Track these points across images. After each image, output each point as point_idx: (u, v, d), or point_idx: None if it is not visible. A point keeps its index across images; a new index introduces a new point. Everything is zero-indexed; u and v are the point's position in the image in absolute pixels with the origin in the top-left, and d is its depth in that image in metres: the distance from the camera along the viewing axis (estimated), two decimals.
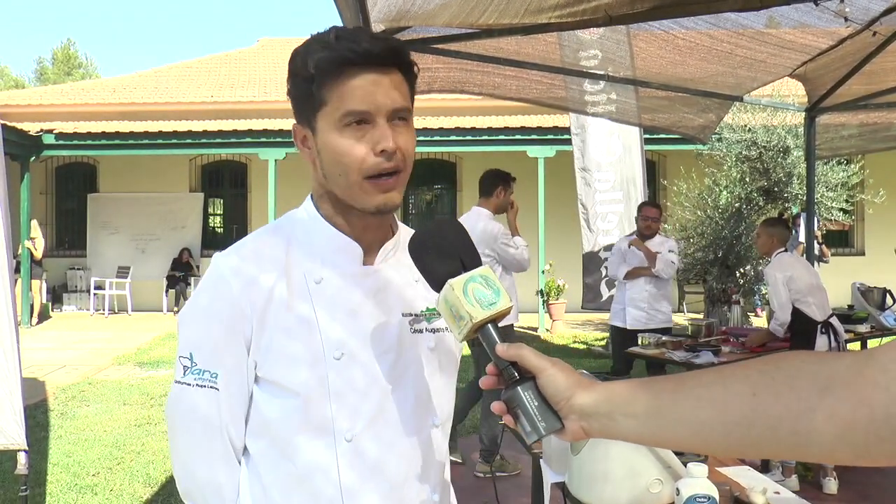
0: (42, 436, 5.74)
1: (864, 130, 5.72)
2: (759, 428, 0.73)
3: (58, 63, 42.63)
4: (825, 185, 10.45)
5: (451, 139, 12.51)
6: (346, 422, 1.12)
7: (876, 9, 3.40)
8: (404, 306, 1.21)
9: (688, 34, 3.74)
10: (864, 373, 0.68)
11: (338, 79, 1.08)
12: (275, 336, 1.12)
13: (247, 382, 1.14)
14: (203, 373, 1.13)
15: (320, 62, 1.08)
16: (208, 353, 1.13)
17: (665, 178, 13.12)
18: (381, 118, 1.09)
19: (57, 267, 14.49)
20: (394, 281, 1.21)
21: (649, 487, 1.84)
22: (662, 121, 5.27)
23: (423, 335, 1.22)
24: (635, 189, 8.21)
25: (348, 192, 1.12)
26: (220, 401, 1.14)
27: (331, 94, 1.08)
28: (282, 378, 1.12)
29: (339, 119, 1.09)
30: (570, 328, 11.77)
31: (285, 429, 1.13)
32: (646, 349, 5.10)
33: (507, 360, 0.93)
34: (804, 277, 4.73)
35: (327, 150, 1.11)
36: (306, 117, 1.13)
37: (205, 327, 1.14)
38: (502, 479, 4.61)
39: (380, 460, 1.14)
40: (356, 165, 1.09)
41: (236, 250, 1.17)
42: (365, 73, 1.08)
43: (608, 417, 0.85)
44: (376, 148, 1.08)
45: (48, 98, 15.99)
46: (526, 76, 4.34)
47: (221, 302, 1.13)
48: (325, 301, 1.14)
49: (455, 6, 2.95)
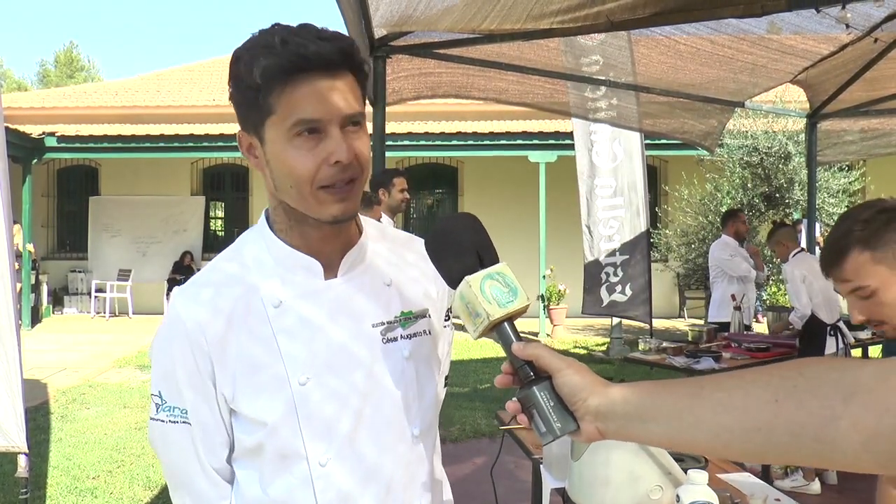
0: (42, 438, 5.73)
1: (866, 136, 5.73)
2: (780, 434, 0.73)
3: (60, 66, 42.71)
4: (827, 192, 10.45)
5: (452, 144, 12.52)
6: (319, 446, 1.10)
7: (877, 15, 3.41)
8: (374, 315, 1.16)
9: (689, 39, 3.75)
10: (888, 381, 0.68)
11: (286, 86, 1.01)
12: (237, 371, 1.10)
13: (221, 412, 1.13)
14: (173, 409, 1.13)
15: (266, 70, 1.00)
16: (175, 391, 1.13)
17: (666, 183, 13.12)
18: (333, 126, 1.03)
19: (58, 269, 14.50)
20: (362, 290, 1.16)
21: (650, 494, 1.83)
22: (663, 126, 5.28)
23: (396, 344, 1.17)
24: (636, 195, 8.20)
25: (302, 203, 1.07)
26: (193, 435, 1.13)
27: (279, 102, 1.02)
28: (249, 410, 1.10)
29: (288, 129, 1.02)
30: (571, 333, 11.76)
31: (260, 459, 1.12)
32: (646, 355, 5.10)
33: (523, 359, 0.92)
34: (818, 281, 4.85)
35: (278, 160, 1.05)
36: (253, 125, 1.07)
37: (168, 367, 1.13)
38: (502, 483, 4.60)
39: (358, 481, 1.12)
40: (308, 177, 1.03)
41: (192, 286, 1.15)
42: (314, 79, 1.01)
43: (625, 419, 0.85)
44: (330, 159, 1.02)
45: (50, 101, 16.02)
46: (528, 81, 4.35)
47: (178, 343, 1.11)
48: (285, 325, 1.11)
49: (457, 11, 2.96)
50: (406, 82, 4.13)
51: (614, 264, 8.17)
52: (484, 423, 6.09)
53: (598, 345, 10.53)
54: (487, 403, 6.37)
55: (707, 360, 4.66)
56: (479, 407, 6.40)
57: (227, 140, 12.59)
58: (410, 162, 14.31)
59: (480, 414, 6.29)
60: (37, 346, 10.22)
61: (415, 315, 1.20)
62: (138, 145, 12.59)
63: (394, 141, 11.53)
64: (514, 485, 4.61)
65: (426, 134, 12.29)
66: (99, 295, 13.85)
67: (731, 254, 6.18)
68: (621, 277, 8.11)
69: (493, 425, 5.92)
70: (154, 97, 15.80)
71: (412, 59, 3.94)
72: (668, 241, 11.77)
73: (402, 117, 13.11)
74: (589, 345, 10.66)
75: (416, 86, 4.19)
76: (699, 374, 4.43)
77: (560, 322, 11.63)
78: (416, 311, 1.20)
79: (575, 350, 10.23)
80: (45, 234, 14.77)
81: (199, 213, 14.83)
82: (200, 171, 15.12)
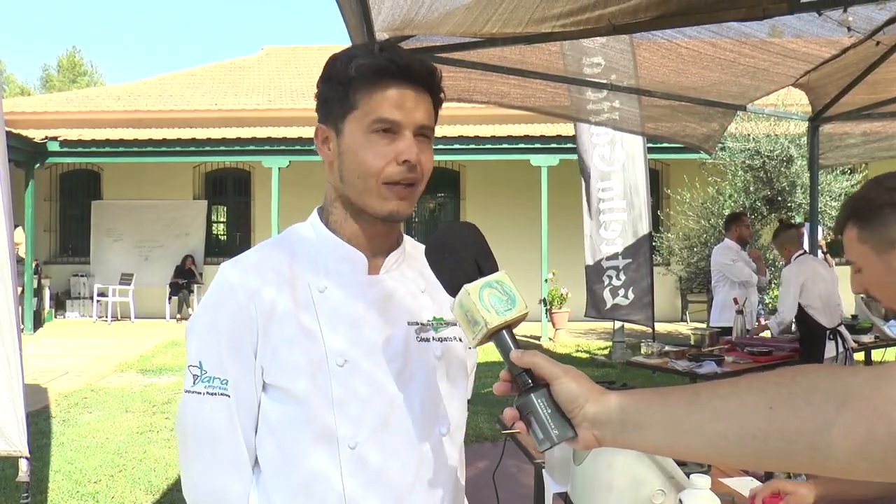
0: (44, 443, 5.73)
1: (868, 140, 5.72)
2: (775, 441, 0.74)
3: (63, 70, 42.84)
4: (829, 195, 10.44)
5: (454, 148, 12.53)
6: (348, 430, 1.12)
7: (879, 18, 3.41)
8: (410, 315, 1.21)
9: (690, 43, 3.75)
10: (881, 389, 0.69)
11: (375, 86, 1.11)
12: (279, 344, 1.13)
13: (255, 389, 1.15)
14: (213, 380, 1.14)
15: (362, 67, 1.11)
16: (217, 361, 1.14)
17: (668, 186, 13.12)
18: (407, 130, 1.12)
19: (60, 274, 14.52)
20: (399, 290, 1.22)
21: (652, 498, 1.83)
22: (665, 130, 5.28)
23: (429, 344, 1.21)
24: (639, 198, 8.20)
25: (363, 196, 1.14)
26: (231, 407, 1.14)
27: (365, 99, 1.11)
28: (286, 385, 1.13)
29: (368, 124, 1.11)
30: (574, 337, 11.75)
31: (289, 436, 1.14)
32: (648, 359, 5.09)
33: (521, 367, 0.93)
34: (818, 285, 4.81)
35: (350, 152, 1.13)
36: (333, 119, 1.16)
37: (213, 336, 1.15)
38: (504, 488, 4.59)
39: (383, 469, 1.14)
40: (377, 170, 1.11)
41: (242, 261, 1.19)
42: (401, 86, 1.12)
43: (622, 426, 0.85)
44: (400, 157, 1.11)
45: (53, 105, 16.06)
46: (530, 85, 4.35)
47: (228, 311, 1.14)
48: (328, 310, 1.15)
49: (459, 15, 2.96)
50: None
51: (616, 268, 8.16)
52: (486, 427, 6.08)
53: (600, 349, 10.52)
54: (490, 407, 6.36)
55: (710, 364, 4.65)
56: (481, 411, 6.39)
57: (230, 144, 12.61)
58: None
59: (483, 418, 6.28)
60: (39, 350, 10.23)
61: (446, 322, 1.24)
62: (141, 149, 12.61)
63: None
64: (516, 489, 4.60)
65: None
66: (101, 299, 13.86)
67: (734, 258, 6.17)
68: (623, 281, 8.11)
69: (495, 429, 5.91)
70: (156, 101, 15.83)
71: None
72: (671, 244, 11.77)
73: None
74: (591, 349, 10.64)
75: None
76: (702, 378, 4.42)
77: (562, 326, 11.62)
78: (447, 319, 1.24)
79: (577, 354, 10.21)
80: (47, 238, 14.79)
81: (201, 218, 14.86)
82: (202, 176, 15.15)
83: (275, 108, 15.02)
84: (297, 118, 14.56)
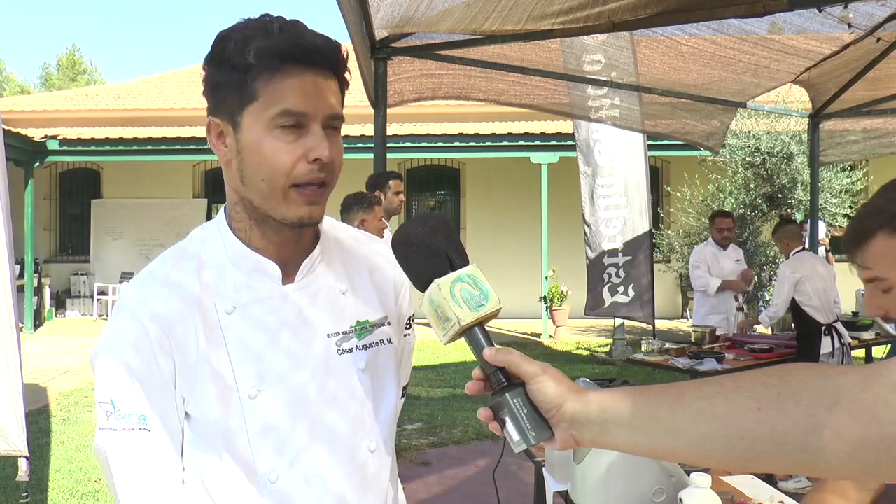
0: (44, 442, 5.73)
1: (868, 136, 5.71)
2: (763, 443, 0.71)
3: (63, 69, 42.80)
4: (829, 191, 10.43)
5: (454, 145, 12.51)
6: (267, 463, 1.04)
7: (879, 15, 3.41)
8: (330, 325, 1.11)
9: (691, 40, 3.74)
10: (873, 389, 0.67)
11: (276, 73, 0.98)
12: (192, 374, 1.04)
13: (178, 419, 1.06)
14: (129, 417, 1.02)
15: (261, 52, 0.97)
16: (131, 395, 1.02)
17: (669, 184, 13.10)
18: (316, 123, 1.00)
19: (60, 272, 14.52)
20: (318, 298, 1.11)
21: (652, 496, 1.82)
22: (666, 127, 5.27)
23: (352, 355, 1.12)
24: (639, 195, 8.19)
25: (268, 201, 1.02)
26: (153, 442, 1.02)
27: (265, 88, 0.98)
28: (202, 418, 1.04)
29: (271, 118, 0.99)
30: (574, 334, 11.74)
31: (209, 470, 1.06)
32: (649, 356, 5.08)
33: (495, 366, 0.89)
34: (815, 282, 4.82)
35: (252, 150, 1.00)
36: (229, 111, 1.02)
37: (122, 367, 1.02)
38: (504, 486, 4.59)
39: (309, 498, 1.06)
40: (284, 171, 0.99)
41: (145, 279, 1.08)
42: (306, 72, 0.99)
43: (601, 426, 0.82)
44: (309, 155, 0.99)
45: (53, 104, 16.04)
46: (529, 82, 4.34)
47: (133, 339, 1.02)
48: (237, 333, 1.05)
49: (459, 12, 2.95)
50: (407, 84, 4.12)
51: (616, 265, 8.15)
52: (486, 425, 6.06)
53: (600, 346, 10.52)
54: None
55: (710, 362, 4.65)
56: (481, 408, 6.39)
57: None
58: (412, 163, 14.31)
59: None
60: (39, 349, 10.23)
61: (371, 324, 1.16)
62: (140, 148, 12.60)
63: (395, 142, 11.54)
64: (516, 487, 4.60)
65: (428, 135, 12.29)
66: (101, 298, 13.85)
67: (697, 262, 6.00)
68: (624, 278, 8.10)
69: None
70: (156, 100, 15.82)
71: (413, 60, 3.94)
72: (671, 241, 11.75)
73: (403, 119, 13.11)
74: (592, 346, 10.64)
75: (417, 87, 4.18)
76: (702, 375, 4.42)
77: (563, 323, 11.62)
78: (373, 320, 1.16)
79: (578, 351, 10.21)
80: (47, 237, 14.79)
81: (201, 216, 14.83)
82: (202, 174, 15.14)
83: None
84: None
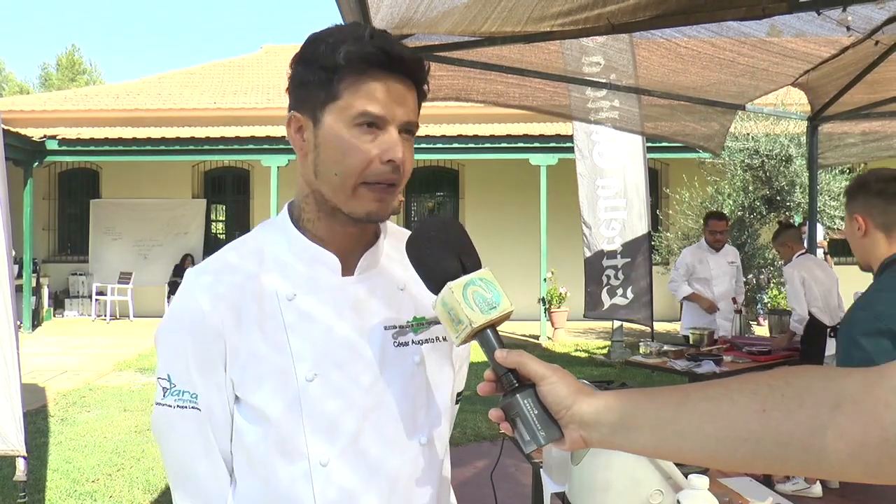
0: (42, 442, 5.73)
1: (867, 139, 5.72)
2: (767, 444, 0.73)
3: (62, 69, 42.79)
4: (828, 194, 10.44)
5: (453, 147, 12.52)
6: (320, 446, 1.07)
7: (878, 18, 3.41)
8: (387, 319, 1.14)
9: (690, 42, 3.74)
10: (874, 392, 0.68)
11: (362, 76, 1.03)
12: (247, 358, 1.08)
13: (227, 401, 1.10)
14: (182, 393, 1.09)
15: (351, 55, 1.02)
16: (185, 374, 1.09)
17: (668, 186, 13.11)
18: (393, 127, 1.05)
19: (59, 272, 14.51)
20: (376, 292, 1.15)
21: (650, 498, 1.82)
22: (665, 129, 5.27)
23: (408, 348, 1.15)
24: (638, 197, 8.20)
25: (339, 194, 1.07)
26: (202, 421, 1.09)
27: (349, 89, 1.04)
28: (255, 400, 1.07)
29: (352, 117, 1.04)
30: (573, 336, 11.75)
31: (259, 452, 1.09)
32: (647, 358, 5.08)
33: (506, 367, 0.91)
34: (819, 283, 4.84)
35: (330, 145, 1.05)
36: (311, 107, 1.07)
37: (179, 348, 1.09)
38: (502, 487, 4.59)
39: (357, 487, 1.08)
40: (359, 168, 1.04)
41: (207, 267, 1.12)
42: (390, 79, 1.04)
43: (609, 428, 0.84)
44: (384, 156, 1.04)
45: (52, 104, 16.03)
46: (529, 84, 4.34)
47: (192, 321, 1.08)
48: (297, 319, 1.09)
49: (458, 14, 2.95)
50: None
51: (615, 267, 8.16)
52: (485, 426, 6.07)
53: (599, 348, 10.52)
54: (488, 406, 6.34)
55: (708, 364, 4.65)
56: (480, 410, 6.38)
57: (229, 143, 12.59)
58: None
59: (481, 417, 6.28)
60: (37, 349, 10.22)
61: (428, 321, 1.18)
62: (139, 148, 12.60)
63: None
64: (514, 489, 4.60)
65: (427, 137, 12.29)
66: (100, 298, 13.85)
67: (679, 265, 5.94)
68: (622, 281, 8.11)
69: (493, 428, 5.90)
70: (155, 100, 15.81)
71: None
72: (670, 244, 11.76)
73: None
74: (590, 348, 10.64)
75: None
76: (700, 377, 4.41)
77: (561, 325, 11.62)
78: (429, 318, 1.18)
79: (576, 353, 10.21)
80: (46, 237, 14.78)
81: (200, 216, 14.84)
82: (201, 174, 15.13)
83: (274, 107, 14.99)
84: None
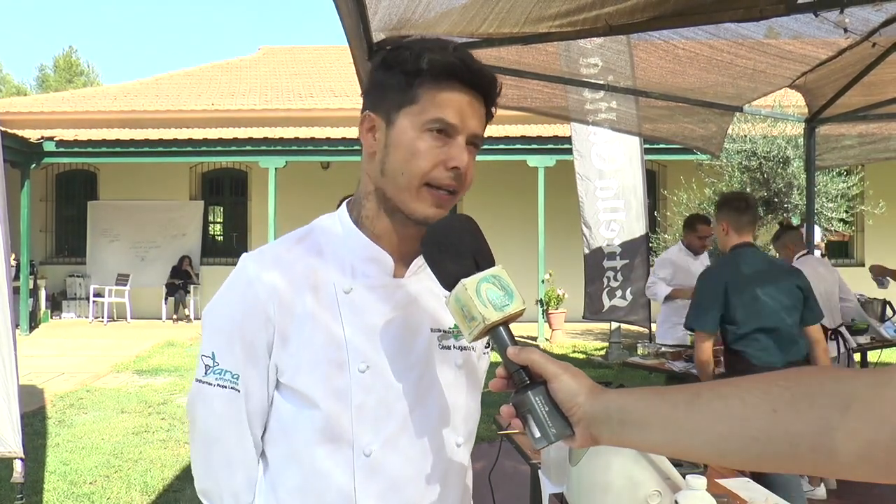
0: (39, 443, 5.71)
1: (864, 141, 5.72)
2: (778, 444, 0.74)
3: (59, 70, 42.76)
4: (825, 196, 10.45)
5: None
6: (366, 436, 1.10)
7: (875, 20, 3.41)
8: (433, 321, 1.18)
9: (687, 44, 3.75)
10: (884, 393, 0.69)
11: (441, 84, 1.08)
12: (298, 345, 1.10)
13: (267, 387, 1.13)
14: (224, 373, 1.12)
15: (434, 62, 1.08)
16: (230, 354, 1.11)
17: (665, 188, 13.13)
18: (461, 137, 1.09)
19: (56, 274, 14.49)
20: (424, 295, 1.19)
21: (648, 499, 1.82)
22: (663, 131, 5.28)
23: (450, 352, 1.19)
24: (636, 198, 8.21)
25: (402, 194, 1.10)
26: (240, 402, 1.12)
27: (426, 95, 1.08)
28: (304, 387, 1.10)
29: (425, 122, 1.08)
30: (570, 338, 11.75)
31: (303, 439, 1.11)
32: (645, 359, 5.08)
33: (518, 364, 0.92)
34: (822, 281, 4.84)
35: (400, 145, 1.09)
36: (386, 108, 1.11)
37: (227, 328, 1.12)
38: (500, 488, 4.58)
39: (398, 477, 1.11)
40: (424, 170, 1.08)
41: (264, 254, 1.15)
42: (466, 91, 1.09)
43: (620, 425, 0.85)
44: (450, 162, 1.08)
45: (49, 105, 16.00)
46: (526, 85, 4.34)
47: (243, 305, 1.11)
48: (352, 312, 1.12)
49: (455, 15, 2.96)
50: None
51: (614, 269, 8.17)
52: (482, 427, 6.00)
53: (596, 349, 10.52)
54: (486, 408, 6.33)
55: None
56: None
57: (226, 145, 12.59)
58: None
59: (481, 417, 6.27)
60: (34, 350, 10.20)
61: None
62: (137, 150, 12.59)
63: None
64: (512, 490, 4.59)
65: None
66: (97, 300, 13.83)
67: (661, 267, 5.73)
68: (621, 282, 8.12)
69: (491, 430, 5.89)
70: (153, 102, 15.80)
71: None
72: (668, 245, 11.76)
73: None
74: (588, 349, 10.65)
75: None
76: (697, 378, 4.41)
77: (559, 326, 11.63)
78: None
79: (574, 354, 10.22)
80: (43, 238, 14.76)
81: (197, 218, 14.83)
82: (199, 176, 15.12)
83: (271, 109, 14.99)
84: (293, 118, 14.54)
